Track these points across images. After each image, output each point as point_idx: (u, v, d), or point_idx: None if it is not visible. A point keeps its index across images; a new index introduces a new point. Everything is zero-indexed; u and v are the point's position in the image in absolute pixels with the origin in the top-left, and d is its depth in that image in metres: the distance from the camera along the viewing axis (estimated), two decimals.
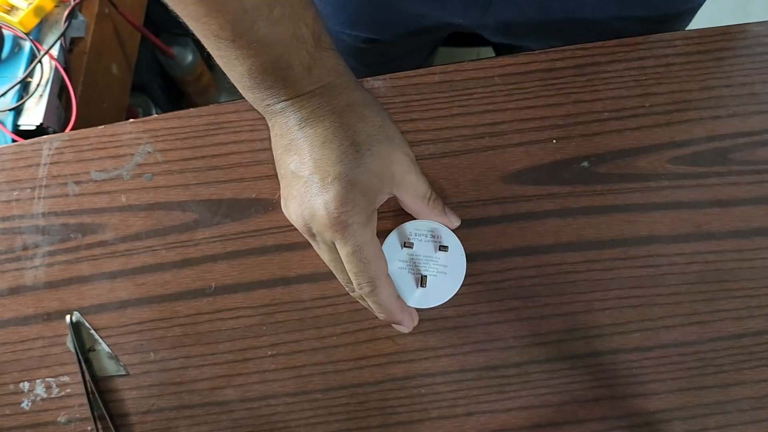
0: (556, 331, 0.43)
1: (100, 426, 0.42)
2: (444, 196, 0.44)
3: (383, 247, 0.40)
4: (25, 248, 0.45)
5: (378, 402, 0.42)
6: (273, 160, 0.34)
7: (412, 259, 0.40)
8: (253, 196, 0.45)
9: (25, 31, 0.55)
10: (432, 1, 0.50)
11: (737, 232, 0.44)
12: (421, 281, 0.39)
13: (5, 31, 0.56)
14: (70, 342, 0.43)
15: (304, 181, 0.33)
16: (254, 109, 0.35)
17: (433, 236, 0.40)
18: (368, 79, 0.46)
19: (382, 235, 0.42)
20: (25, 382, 0.43)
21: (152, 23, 1.00)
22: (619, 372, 0.42)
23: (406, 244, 0.39)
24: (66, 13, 0.57)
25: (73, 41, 0.60)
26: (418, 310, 0.43)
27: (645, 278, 0.43)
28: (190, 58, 1.10)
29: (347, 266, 0.34)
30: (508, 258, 0.43)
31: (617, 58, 0.46)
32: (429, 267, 0.39)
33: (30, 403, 0.43)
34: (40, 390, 0.43)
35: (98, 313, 0.44)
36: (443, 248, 0.39)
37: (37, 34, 0.58)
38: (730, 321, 0.42)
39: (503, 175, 0.45)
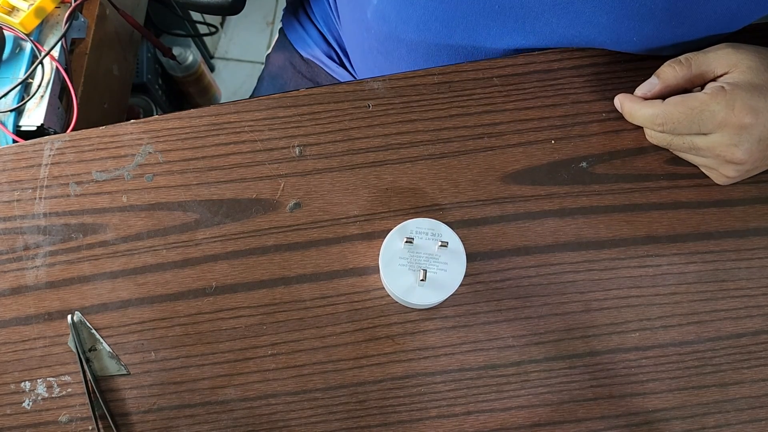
0: (554, 331, 0.43)
1: (101, 425, 0.43)
2: (443, 197, 0.45)
3: (385, 244, 0.40)
4: (26, 248, 0.45)
5: (378, 401, 0.42)
6: (272, 160, 0.34)
7: (413, 256, 0.40)
8: (254, 196, 0.45)
9: (26, 32, 0.55)
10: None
11: (735, 232, 0.44)
12: (422, 277, 0.39)
13: (6, 32, 0.56)
14: (71, 341, 0.43)
15: None
16: (254, 110, 0.36)
17: (433, 234, 0.40)
18: (368, 79, 0.46)
19: (383, 233, 0.42)
20: (27, 382, 0.43)
21: (153, 24, 1.01)
22: (617, 371, 0.42)
23: (407, 241, 0.40)
24: (67, 14, 0.57)
25: (74, 42, 0.60)
26: (418, 309, 0.43)
27: (643, 278, 0.43)
28: (190, 58, 1.10)
29: None
30: (507, 258, 0.44)
31: (615, 59, 0.47)
32: (430, 263, 0.40)
33: (31, 403, 0.43)
34: (41, 389, 0.43)
35: (99, 312, 0.44)
36: (443, 245, 0.39)
37: (38, 35, 0.58)
38: (729, 321, 0.43)
39: (502, 175, 0.45)
